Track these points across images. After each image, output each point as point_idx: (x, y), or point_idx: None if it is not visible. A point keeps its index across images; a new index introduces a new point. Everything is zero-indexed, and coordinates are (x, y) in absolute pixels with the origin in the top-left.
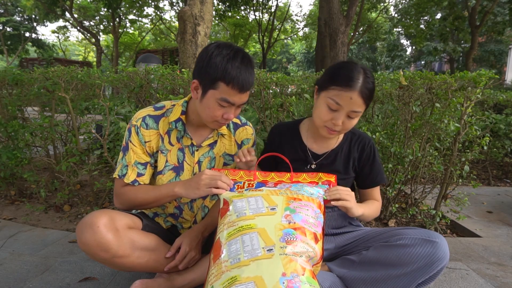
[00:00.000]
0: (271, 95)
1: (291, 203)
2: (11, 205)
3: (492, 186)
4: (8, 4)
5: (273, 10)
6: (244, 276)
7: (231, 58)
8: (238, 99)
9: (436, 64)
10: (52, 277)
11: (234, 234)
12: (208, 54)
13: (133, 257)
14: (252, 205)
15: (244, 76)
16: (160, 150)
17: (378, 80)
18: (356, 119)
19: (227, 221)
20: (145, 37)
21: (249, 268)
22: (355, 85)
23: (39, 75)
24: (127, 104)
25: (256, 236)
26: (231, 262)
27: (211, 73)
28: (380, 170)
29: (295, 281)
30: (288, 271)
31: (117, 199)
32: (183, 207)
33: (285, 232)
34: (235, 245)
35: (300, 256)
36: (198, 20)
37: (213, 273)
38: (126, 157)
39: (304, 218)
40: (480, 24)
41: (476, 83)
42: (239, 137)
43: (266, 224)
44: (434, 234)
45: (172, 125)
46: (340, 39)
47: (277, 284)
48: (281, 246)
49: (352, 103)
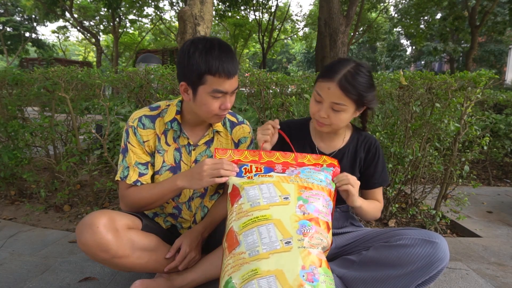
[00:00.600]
0: (271, 95)
1: (302, 192)
2: (11, 205)
3: (492, 186)
4: (8, 4)
5: (273, 10)
6: (264, 270)
7: (208, 50)
8: (229, 85)
9: (436, 64)
10: (52, 277)
11: (249, 224)
12: (186, 53)
13: (133, 257)
14: (265, 193)
15: (226, 62)
16: (157, 150)
17: (378, 80)
18: (345, 114)
19: (240, 210)
20: (145, 37)
21: (269, 261)
22: (334, 75)
23: (39, 75)
24: (127, 104)
25: (273, 228)
26: (249, 254)
27: (195, 70)
28: (384, 172)
29: (314, 273)
30: (307, 264)
31: (122, 201)
32: (181, 206)
33: (301, 224)
34: (252, 236)
35: (316, 248)
36: (198, 20)
37: (229, 263)
38: (126, 159)
39: (317, 208)
40: (480, 24)
41: (476, 83)
42: (236, 136)
43: (281, 215)
44: (434, 235)
45: (168, 125)
46: (340, 39)
47: (297, 277)
48: (298, 239)
49: (331, 94)
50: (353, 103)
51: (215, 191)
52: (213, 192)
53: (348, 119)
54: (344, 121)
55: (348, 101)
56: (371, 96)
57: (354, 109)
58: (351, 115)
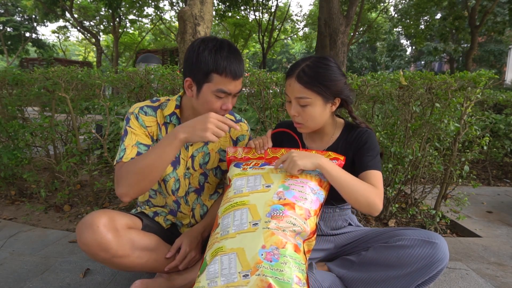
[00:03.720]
0: (271, 95)
1: (287, 180)
2: (11, 205)
3: (492, 186)
4: (8, 4)
5: (273, 10)
6: (228, 247)
7: (218, 49)
8: (234, 87)
9: (436, 64)
10: (52, 277)
11: (228, 209)
12: (195, 50)
13: (133, 257)
14: (250, 183)
15: (234, 63)
16: (159, 139)
17: (378, 80)
18: (313, 108)
19: (226, 197)
20: (145, 37)
21: (234, 240)
22: (293, 72)
23: (39, 75)
24: (127, 104)
25: (246, 212)
26: (221, 234)
27: (203, 67)
28: (374, 157)
29: (273, 253)
30: (268, 244)
31: (119, 183)
32: (180, 201)
33: (273, 208)
34: (227, 219)
35: (283, 230)
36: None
37: (208, 244)
38: (125, 142)
39: (297, 195)
40: (480, 24)
41: (476, 83)
42: (234, 134)
43: (258, 200)
44: (433, 235)
45: (167, 118)
46: (340, 39)
47: (255, 255)
48: (265, 221)
49: (292, 90)
50: (317, 95)
51: (215, 190)
52: (213, 191)
53: (321, 114)
54: (316, 116)
55: (311, 93)
56: (339, 86)
57: (322, 102)
58: (321, 109)
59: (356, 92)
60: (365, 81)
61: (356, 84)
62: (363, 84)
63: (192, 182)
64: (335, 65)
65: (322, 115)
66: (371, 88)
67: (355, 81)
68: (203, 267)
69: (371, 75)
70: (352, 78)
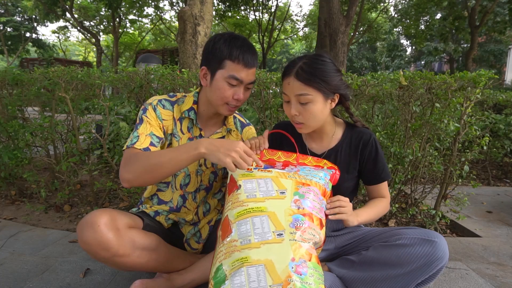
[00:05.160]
0: (271, 95)
1: (300, 188)
2: (12, 205)
3: (491, 186)
4: (9, 5)
5: (273, 10)
6: (254, 258)
7: (233, 39)
8: (245, 75)
9: (436, 64)
10: (52, 277)
11: (244, 214)
12: (212, 40)
13: (133, 256)
14: (262, 187)
15: (247, 53)
16: (173, 134)
17: (378, 80)
18: (314, 106)
19: (236, 200)
20: (145, 37)
21: (259, 251)
22: (291, 70)
23: (39, 75)
24: (127, 104)
25: (266, 220)
26: (241, 242)
27: (217, 55)
28: (384, 166)
29: (302, 266)
30: (297, 257)
31: (125, 168)
32: (187, 196)
33: (295, 218)
34: (245, 225)
35: (308, 242)
36: (198, 20)
37: (221, 250)
38: (139, 130)
39: (312, 204)
40: (480, 24)
41: (475, 83)
42: (246, 136)
43: (276, 208)
44: (433, 234)
45: (185, 113)
46: (340, 39)
47: (286, 268)
48: (291, 232)
49: (292, 88)
50: (317, 91)
51: (219, 189)
52: (217, 190)
53: (322, 111)
54: (317, 113)
55: (311, 90)
56: (336, 81)
57: (323, 98)
58: (322, 106)
59: (356, 92)
60: (365, 81)
61: (356, 84)
62: (363, 84)
63: (203, 179)
64: (331, 61)
65: (323, 112)
66: (371, 88)
67: (355, 81)
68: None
69: (371, 75)
70: (352, 78)
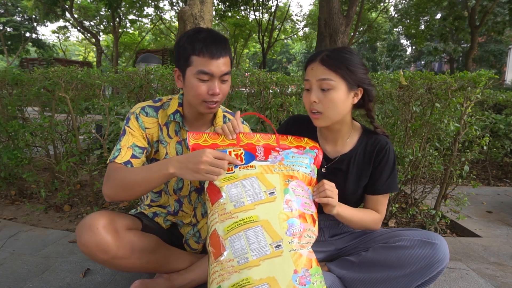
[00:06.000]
0: (271, 95)
1: (288, 182)
2: (11, 205)
3: (492, 186)
4: (9, 4)
5: (273, 10)
6: (256, 278)
7: (195, 33)
8: (215, 67)
9: (436, 64)
10: (52, 277)
11: (235, 228)
12: (178, 41)
13: (132, 258)
14: (249, 190)
15: (212, 44)
16: (160, 141)
17: (378, 80)
18: (336, 93)
19: (223, 211)
20: (145, 37)
21: (260, 269)
22: (316, 57)
23: (39, 75)
24: (127, 104)
25: (261, 231)
26: (238, 261)
27: (183, 53)
28: (390, 178)
29: (305, 276)
30: (299, 268)
31: (106, 184)
32: (183, 200)
33: (290, 223)
34: (239, 241)
35: (306, 248)
36: (198, 20)
37: (217, 271)
38: (121, 142)
39: (302, 202)
40: (480, 24)
41: (476, 83)
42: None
43: (269, 214)
44: (433, 236)
45: (170, 117)
46: (340, 39)
47: (290, 283)
48: (288, 241)
49: (315, 72)
50: (341, 78)
51: None
52: None
53: (343, 102)
54: (339, 103)
55: (335, 76)
56: (361, 74)
57: (346, 88)
58: (344, 96)
59: None
60: None
61: None
62: None
63: (193, 181)
64: (359, 57)
65: (344, 104)
66: None
67: None
68: None
69: (371, 75)
70: None
